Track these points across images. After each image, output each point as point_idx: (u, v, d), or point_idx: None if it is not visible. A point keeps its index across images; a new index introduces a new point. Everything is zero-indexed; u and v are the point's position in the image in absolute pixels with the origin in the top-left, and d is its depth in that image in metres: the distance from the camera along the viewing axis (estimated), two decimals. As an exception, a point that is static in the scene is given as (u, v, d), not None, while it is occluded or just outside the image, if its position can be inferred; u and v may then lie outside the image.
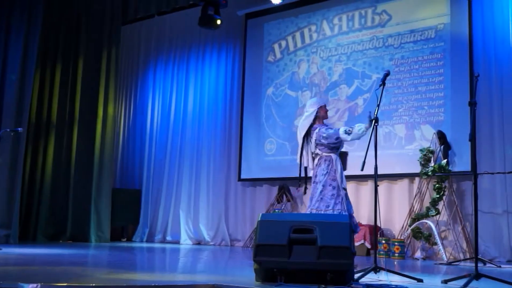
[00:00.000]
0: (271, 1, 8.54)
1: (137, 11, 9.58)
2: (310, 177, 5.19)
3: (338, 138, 5.01)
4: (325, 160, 5.05)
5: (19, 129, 7.33)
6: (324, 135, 5.04)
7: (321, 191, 4.96)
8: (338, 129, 5.06)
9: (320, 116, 5.20)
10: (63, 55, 9.57)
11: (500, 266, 5.86)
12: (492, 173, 6.40)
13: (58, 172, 9.27)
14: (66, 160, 9.30)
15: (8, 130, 7.24)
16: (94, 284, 3.24)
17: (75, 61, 9.56)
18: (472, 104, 4.06)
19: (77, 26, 9.67)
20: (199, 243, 9.31)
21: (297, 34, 8.91)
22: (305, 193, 5.35)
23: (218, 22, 8.78)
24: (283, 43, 9.05)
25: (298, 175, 5.20)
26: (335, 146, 5.08)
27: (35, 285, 3.17)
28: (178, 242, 9.38)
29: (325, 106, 5.30)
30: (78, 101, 9.41)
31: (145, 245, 8.88)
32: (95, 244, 8.48)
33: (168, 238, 9.64)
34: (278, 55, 9.08)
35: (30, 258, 5.50)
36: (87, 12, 9.68)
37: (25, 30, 8.35)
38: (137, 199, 10.13)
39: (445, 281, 3.92)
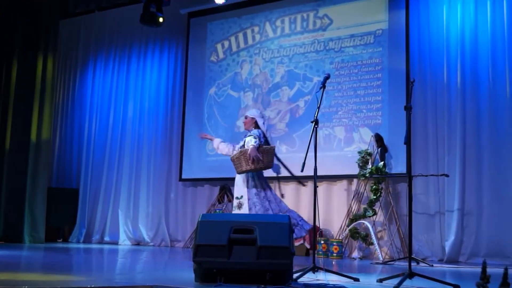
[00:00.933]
0: (214, 1, 8.52)
1: (76, 5, 9.32)
2: None
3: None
4: None
5: None
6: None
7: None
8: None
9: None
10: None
11: (432, 265, 6.08)
12: (426, 176, 6.63)
13: (-11, 170, 8.90)
14: (-1, 157, 8.95)
15: None
16: (27, 287, 3.14)
17: (9, 54, 9.18)
18: (408, 108, 4.19)
19: (13, 18, 9.28)
20: (138, 244, 9.17)
21: (240, 35, 8.94)
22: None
23: (161, 20, 8.66)
24: (226, 43, 9.05)
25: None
26: None
27: (-37, 288, 3.04)
28: (116, 243, 9.20)
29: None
30: (13, 96, 9.05)
31: (82, 246, 8.66)
32: (29, 245, 8.18)
33: (106, 238, 9.44)
34: (221, 55, 9.08)
35: (-42, 260, 5.26)
36: (24, 4, 9.31)
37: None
38: (74, 198, 9.85)
39: (380, 280, 4.03)
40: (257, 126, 5.61)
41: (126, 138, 9.70)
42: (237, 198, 5.48)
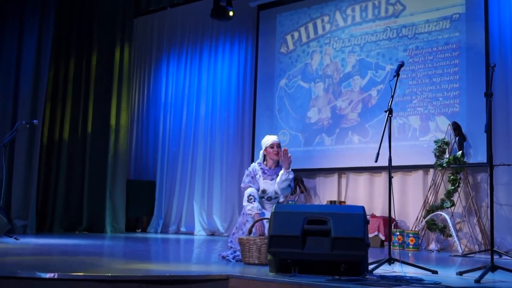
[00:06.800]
0: (284, -8, 8.52)
1: (149, 3, 9.61)
2: None
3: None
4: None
5: (34, 121, 7.40)
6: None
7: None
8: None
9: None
10: (77, 47, 9.63)
11: (515, 258, 5.81)
12: (509, 165, 6.34)
13: (73, 164, 9.36)
14: (81, 152, 9.39)
15: (24, 122, 7.31)
16: (110, 274, 3.28)
17: (88, 54, 9.62)
18: (488, 95, 4.01)
19: (90, 19, 9.71)
20: (213, 234, 9.35)
21: (310, 25, 8.87)
22: None
23: (231, 13, 8.77)
24: (296, 34, 9.01)
25: (310, 167, 5.05)
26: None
27: (52, 274, 3.22)
28: (192, 233, 9.43)
29: (271, 145, 4.99)
30: (92, 93, 9.49)
31: (159, 236, 8.93)
32: (110, 235, 8.56)
33: (182, 229, 9.70)
34: (291, 46, 9.05)
35: (47, 248, 5.57)
36: (100, 4, 9.71)
37: (38, 25, 8.38)
38: (152, 190, 10.19)
39: (460, 273, 3.89)
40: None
41: (199, 130, 9.90)
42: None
